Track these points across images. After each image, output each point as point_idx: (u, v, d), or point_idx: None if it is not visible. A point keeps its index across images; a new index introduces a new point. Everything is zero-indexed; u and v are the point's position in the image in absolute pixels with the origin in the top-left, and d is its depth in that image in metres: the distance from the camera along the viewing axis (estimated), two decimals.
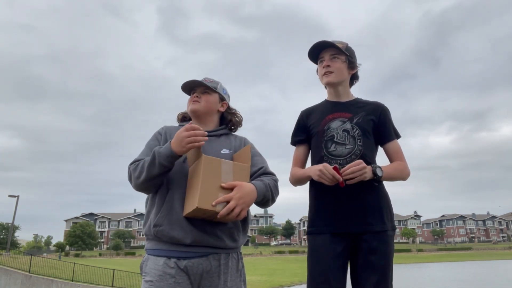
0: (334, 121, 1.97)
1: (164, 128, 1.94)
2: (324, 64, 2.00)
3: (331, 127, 1.95)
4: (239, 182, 1.62)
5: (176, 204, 1.67)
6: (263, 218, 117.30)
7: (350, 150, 1.89)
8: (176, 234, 1.63)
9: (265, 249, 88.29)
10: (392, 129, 2.01)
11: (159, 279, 1.59)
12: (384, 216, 1.85)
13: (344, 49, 2.00)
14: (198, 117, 1.93)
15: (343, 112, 1.98)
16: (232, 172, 1.65)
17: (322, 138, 1.95)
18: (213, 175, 1.59)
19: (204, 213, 1.58)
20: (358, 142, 1.90)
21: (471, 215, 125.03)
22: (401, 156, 1.99)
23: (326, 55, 2.01)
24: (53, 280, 20.66)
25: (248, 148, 1.76)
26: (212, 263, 1.67)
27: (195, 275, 1.64)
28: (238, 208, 1.57)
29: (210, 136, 1.87)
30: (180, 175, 1.73)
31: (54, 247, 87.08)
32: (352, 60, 2.03)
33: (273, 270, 43.03)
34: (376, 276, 1.75)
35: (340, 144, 1.91)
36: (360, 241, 1.80)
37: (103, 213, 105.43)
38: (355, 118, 1.95)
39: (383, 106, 2.04)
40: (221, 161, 1.65)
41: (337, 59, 1.99)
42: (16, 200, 31.99)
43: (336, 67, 1.98)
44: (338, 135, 1.92)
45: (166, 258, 1.63)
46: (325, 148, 1.93)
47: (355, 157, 1.87)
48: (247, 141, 2.01)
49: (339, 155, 1.90)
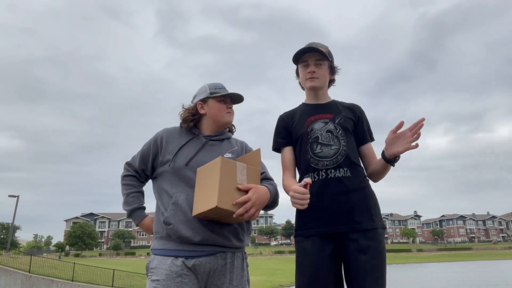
0: (316, 122, 1.96)
1: (164, 134, 1.92)
2: (310, 70, 2.00)
3: (314, 129, 1.95)
4: (254, 185, 1.70)
5: (183, 205, 1.72)
6: (263, 218, 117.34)
7: (336, 151, 1.89)
8: (185, 233, 1.67)
9: (265, 249, 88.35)
10: (368, 131, 2.04)
11: (166, 278, 1.62)
12: (373, 214, 1.83)
13: (327, 53, 2.00)
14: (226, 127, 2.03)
15: (324, 113, 1.99)
16: (246, 174, 1.72)
17: (307, 140, 1.94)
18: (229, 176, 1.66)
19: (219, 213, 1.62)
20: (342, 142, 1.91)
21: (471, 215, 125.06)
22: (374, 159, 1.99)
23: (310, 59, 2.00)
24: (53, 280, 20.65)
25: (259, 151, 1.82)
26: (219, 262, 1.71)
27: (203, 274, 1.67)
28: (253, 209, 1.65)
29: (214, 140, 1.93)
30: (183, 178, 1.78)
31: (54, 247, 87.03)
32: (333, 66, 2.07)
33: (273, 270, 43.05)
34: (370, 276, 1.70)
35: (325, 145, 1.90)
36: (349, 241, 1.76)
37: (103, 213, 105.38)
38: (337, 119, 1.96)
39: (360, 107, 2.07)
40: (236, 163, 1.71)
41: (321, 65, 2.01)
42: (16, 200, 32.00)
43: (321, 74, 2.01)
44: (323, 136, 1.92)
45: (174, 257, 1.66)
46: (310, 150, 1.92)
47: (341, 157, 1.87)
48: (247, 145, 2.06)
49: (325, 156, 1.89)
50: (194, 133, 1.93)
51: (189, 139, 1.89)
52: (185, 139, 1.89)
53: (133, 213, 1.87)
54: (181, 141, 1.88)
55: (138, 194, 1.92)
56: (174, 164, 1.80)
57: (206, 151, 1.85)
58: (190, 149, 1.85)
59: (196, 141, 1.90)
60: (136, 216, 1.88)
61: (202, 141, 1.90)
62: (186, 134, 1.92)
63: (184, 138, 1.90)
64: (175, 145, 1.86)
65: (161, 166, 1.85)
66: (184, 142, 1.87)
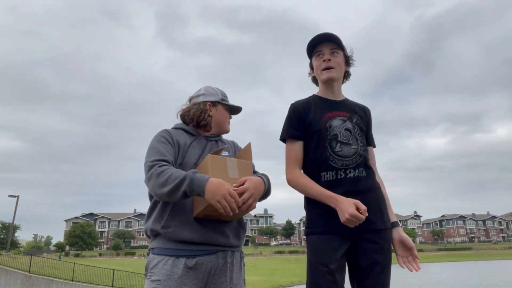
0: (334, 119, 1.86)
1: (172, 133, 1.85)
2: (325, 58, 1.89)
3: (333, 126, 1.84)
4: (248, 177, 1.69)
5: (186, 205, 1.70)
6: (263, 218, 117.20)
7: (355, 151, 1.82)
8: (185, 235, 1.66)
9: (265, 249, 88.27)
10: (372, 136, 2.01)
11: (167, 278, 1.60)
12: (384, 214, 1.84)
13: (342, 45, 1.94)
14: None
15: (341, 111, 1.90)
16: (237, 168, 1.72)
17: (325, 136, 1.83)
18: (220, 172, 1.65)
19: (215, 210, 1.60)
20: (360, 143, 1.85)
21: (471, 215, 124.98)
22: (375, 166, 1.96)
23: (325, 49, 1.90)
24: (53, 280, 20.66)
25: (249, 145, 1.83)
26: (220, 261, 1.72)
27: (204, 273, 1.67)
28: (251, 200, 1.63)
29: (212, 141, 1.95)
30: None
31: (54, 247, 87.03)
32: (349, 58, 1.97)
33: (273, 270, 43.02)
34: (383, 274, 1.73)
35: (345, 143, 1.82)
36: (362, 240, 1.75)
37: (103, 213, 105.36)
38: (354, 118, 1.90)
39: (370, 111, 2.04)
40: (226, 159, 1.73)
41: (337, 53, 1.90)
42: (16, 200, 32.00)
43: (337, 62, 1.89)
44: (342, 134, 1.83)
45: (175, 257, 1.64)
46: (330, 148, 1.81)
47: (360, 158, 1.82)
48: (237, 144, 2.11)
49: (345, 155, 1.81)
50: (193, 134, 1.92)
51: (193, 139, 1.89)
52: (190, 139, 1.88)
53: (194, 176, 1.55)
54: (186, 140, 1.86)
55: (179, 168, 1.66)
56: (184, 163, 1.77)
57: (209, 151, 1.85)
58: (196, 148, 1.85)
59: (199, 141, 1.90)
60: (198, 179, 1.54)
61: (203, 141, 1.91)
62: (187, 135, 1.90)
63: (188, 138, 1.88)
64: (183, 144, 1.83)
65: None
66: (190, 141, 1.86)
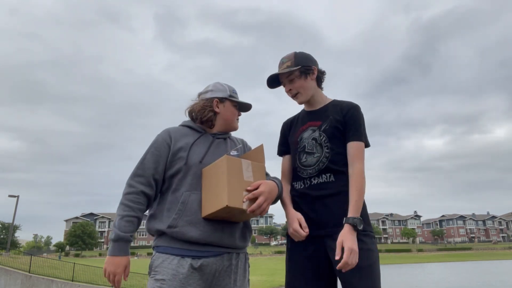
0: (306, 131, 1.98)
1: (171, 133, 1.83)
2: (286, 89, 2.02)
3: (303, 138, 1.97)
4: (262, 180, 1.69)
5: (193, 205, 1.68)
6: (263, 218, 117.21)
7: (317, 159, 1.89)
8: (192, 236, 1.63)
9: (265, 249, 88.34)
10: (355, 129, 1.89)
11: (172, 278, 1.58)
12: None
13: (293, 63, 1.95)
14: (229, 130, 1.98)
15: (314, 121, 1.99)
16: (252, 171, 1.70)
17: (296, 149, 1.98)
18: (236, 174, 1.64)
19: (229, 212, 1.60)
20: (325, 149, 1.89)
21: (471, 215, 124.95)
22: (355, 160, 1.84)
23: (283, 79, 2.01)
24: (53, 280, 20.64)
25: (262, 147, 1.80)
26: (225, 263, 1.69)
27: (208, 275, 1.64)
28: (265, 204, 1.64)
29: (219, 138, 1.90)
30: (195, 176, 1.73)
31: (54, 247, 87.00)
32: (305, 68, 1.96)
33: (273, 270, 42.99)
34: (355, 278, 1.68)
35: (309, 153, 1.92)
36: (326, 245, 1.79)
37: (103, 213, 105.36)
38: (324, 125, 1.94)
39: (352, 105, 1.96)
40: (241, 161, 1.70)
41: (293, 79, 1.97)
42: (16, 200, 31.98)
43: (297, 87, 1.98)
44: (308, 145, 1.94)
45: (180, 257, 1.62)
46: (298, 160, 1.96)
47: (322, 165, 1.87)
48: (247, 143, 2.06)
49: (308, 165, 1.91)
50: (199, 131, 1.88)
51: (198, 137, 1.84)
52: (194, 137, 1.84)
53: (118, 242, 1.61)
54: (190, 139, 1.82)
55: (134, 220, 1.66)
56: (188, 161, 1.73)
57: (214, 149, 1.82)
58: (200, 146, 1.80)
59: (204, 138, 1.85)
60: (120, 247, 1.61)
61: (209, 138, 1.86)
62: (192, 132, 1.87)
63: (192, 136, 1.84)
64: (185, 143, 1.79)
65: (173, 165, 1.75)
66: (194, 139, 1.82)
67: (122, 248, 1.63)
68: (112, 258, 1.61)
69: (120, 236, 1.62)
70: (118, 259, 1.61)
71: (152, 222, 1.74)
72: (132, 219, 1.66)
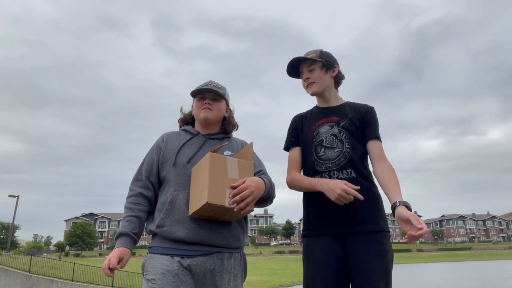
0: (322, 126, 2.01)
1: (164, 136, 1.94)
2: (304, 77, 2.07)
3: (320, 132, 2.00)
4: (248, 177, 1.65)
5: (180, 204, 1.69)
6: (263, 218, 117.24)
7: (338, 153, 1.92)
8: (178, 235, 1.64)
9: (265, 249, 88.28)
10: (376, 129, 1.99)
11: (162, 277, 1.58)
12: (376, 216, 1.84)
13: (318, 56, 2.04)
14: (208, 125, 1.96)
15: (331, 117, 2.02)
16: (238, 168, 1.66)
17: (312, 143, 1.99)
18: (220, 171, 1.60)
19: (212, 210, 1.58)
20: (346, 145, 1.93)
21: (471, 215, 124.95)
22: (382, 157, 1.93)
23: (303, 68, 2.08)
24: (53, 280, 20.65)
25: (251, 145, 1.77)
26: (216, 262, 1.68)
27: (199, 274, 1.64)
28: (250, 198, 1.58)
29: (213, 139, 1.92)
30: (183, 175, 1.76)
31: (54, 247, 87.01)
32: (328, 63, 2.06)
33: (273, 270, 43.02)
34: (376, 278, 1.70)
35: (328, 148, 1.94)
36: (354, 242, 1.79)
37: (103, 213, 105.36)
38: (342, 122, 1.99)
39: (369, 107, 2.07)
40: (227, 158, 1.67)
41: (314, 69, 2.05)
42: (16, 200, 31.99)
43: (315, 77, 2.04)
44: (327, 139, 1.96)
45: (170, 256, 1.64)
46: (315, 153, 1.96)
47: (344, 159, 1.90)
48: (246, 143, 2.03)
49: (328, 158, 1.93)
50: (192, 133, 1.94)
51: (189, 138, 1.91)
52: (186, 138, 1.90)
53: (119, 238, 1.73)
54: (180, 141, 1.88)
55: (134, 219, 1.77)
56: (176, 162, 1.78)
57: (206, 149, 1.83)
58: (190, 147, 1.85)
59: (196, 140, 1.90)
60: (120, 241, 1.71)
61: (201, 139, 1.91)
62: (185, 135, 1.94)
63: (185, 138, 1.91)
64: (175, 145, 1.86)
65: (163, 167, 1.82)
66: (184, 141, 1.88)
67: (121, 242, 1.71)
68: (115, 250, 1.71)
69: (120, 232, 1.74)
70: (116, 250, 1.69)
71: (147, 223, 1.81)
72: (131, 218, 1.77)
